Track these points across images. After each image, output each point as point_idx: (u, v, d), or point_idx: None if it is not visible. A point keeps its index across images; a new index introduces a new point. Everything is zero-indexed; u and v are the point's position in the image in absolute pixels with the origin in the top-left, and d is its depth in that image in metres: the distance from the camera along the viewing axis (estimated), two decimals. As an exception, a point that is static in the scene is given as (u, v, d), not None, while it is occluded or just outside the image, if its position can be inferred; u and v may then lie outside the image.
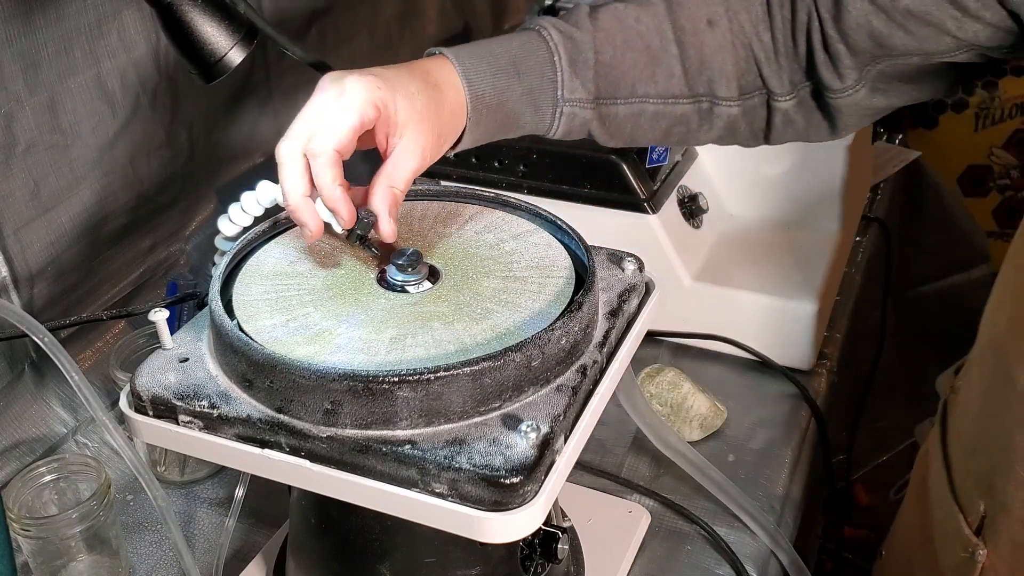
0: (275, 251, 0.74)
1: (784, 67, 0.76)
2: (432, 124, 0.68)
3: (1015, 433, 0.68)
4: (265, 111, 1.26)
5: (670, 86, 0.75)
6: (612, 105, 0.75)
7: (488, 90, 0.71)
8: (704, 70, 0.75)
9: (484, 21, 1.78)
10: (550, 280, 0.70)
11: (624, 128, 0.77)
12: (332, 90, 0.66)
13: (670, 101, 0.76)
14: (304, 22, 1.30)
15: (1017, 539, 0.70)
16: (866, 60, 0.73)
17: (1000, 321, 0.71)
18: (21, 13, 0.88)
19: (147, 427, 0.65)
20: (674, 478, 0.93)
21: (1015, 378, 0.67)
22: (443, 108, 0.69)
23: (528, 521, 0.57)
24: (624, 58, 0.74)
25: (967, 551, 0.74)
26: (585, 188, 1.09)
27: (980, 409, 0.74)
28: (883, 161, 1.60)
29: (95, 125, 0.99)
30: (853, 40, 0.72)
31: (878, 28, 0.71)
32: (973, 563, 0.73)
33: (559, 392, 0.62)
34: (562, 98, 0.73)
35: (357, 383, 0.58)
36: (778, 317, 1.08)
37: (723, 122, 0.78)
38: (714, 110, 0.77)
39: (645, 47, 0.75)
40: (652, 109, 0.76)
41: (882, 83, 0.75)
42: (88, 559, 0.84)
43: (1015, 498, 0.69)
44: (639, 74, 0.75)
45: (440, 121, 0.69)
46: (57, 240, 0.97)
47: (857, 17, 0.71)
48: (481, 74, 0.71)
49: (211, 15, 0.77)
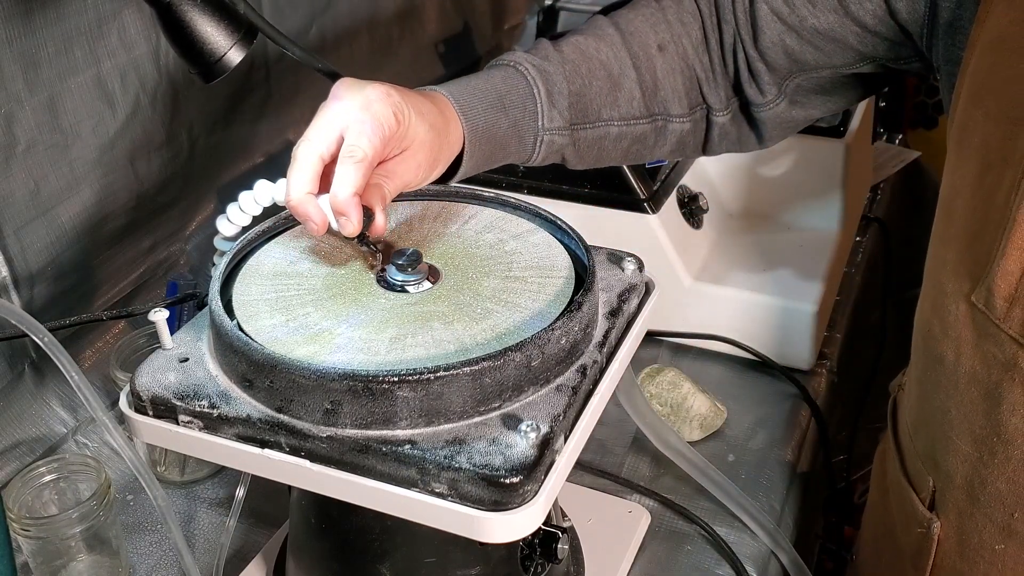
0: (275, 251, 0.74)
1: (720, 84, 0.83)
2: (432, 148, 0.70)
3: (948, 407, 0.73)
4: (265, 111, 1.26)
5: (631, 108, 0.82)
6: (583, 130, 0.81)
7: (481, 124, 0.75)
8: (658, 91, 0.82)
9: (484, 21, 1.78)
10: (550, 280, 0.70)
11: (592, 150, 0.83)
12: (355, 99, 0.66)
13: (631, 122, 0.82)
14: (304, 22, 1.30)
15: (961, 506, 0.74)
16: (783, 76, 0.81)
17: (926, 308, 0.75)
18: (21, 13, 0.88)
19: (147, 427, 0.65)
20: (674, 478, 0.93)
21: (943, 357, 0.72)
22: (445, 137, 0.72)
23: (528, 521, 0.57)
24: (591, 86, 0.80)
25: (923, 527, 0.78)
26: (585, 188, 1.09)
27: (918, 393, 0.79)
28: (883, 161, 1.60)
29: (95, 125, 0.99)
30: (770, 58, 0.80)
31: (791, 46, 0.79)
32: (929, 538, 0.77)
33: (559, 392, 0.62)
34: (543, 127, 0.78)
35: (357, 383, 0.58)
36: (778, 317, 1.08)
37: (675, 137, 0.84)
38: (667, 127, 0.83)
39: (607, 74, 0.81)
40: (616, 131, 0.82)
41: (799, 96, 0.83)
42: (88, 559, 0.84)
43: (956, 467, 0.73)
44: (604, 99, 0.81)
45: (439, 148, 0.71)
46: (57, 240, 0.97)
47: (772, 37, 0.79)
48: (475, 109, 0.75)
49: (211, 15, 0.77)
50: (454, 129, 0.73)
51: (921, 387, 0.78)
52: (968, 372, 0.70)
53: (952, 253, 0.70)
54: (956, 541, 0.75)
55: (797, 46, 0.79)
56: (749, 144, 0.87)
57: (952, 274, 0.70)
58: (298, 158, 0.66)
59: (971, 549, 0.74)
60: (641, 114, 0.82)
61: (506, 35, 1.86)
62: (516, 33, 1.89)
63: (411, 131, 0.68)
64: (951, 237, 0.71)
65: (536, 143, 0.78)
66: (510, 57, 0.79)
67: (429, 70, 1.62)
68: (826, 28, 0.77)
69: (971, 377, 0.70)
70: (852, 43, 0.77)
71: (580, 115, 0.80)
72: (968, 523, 0.74)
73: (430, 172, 0.72)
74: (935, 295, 0.73)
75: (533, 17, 1.81)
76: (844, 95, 0.84)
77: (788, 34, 0.79)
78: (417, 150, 0.69)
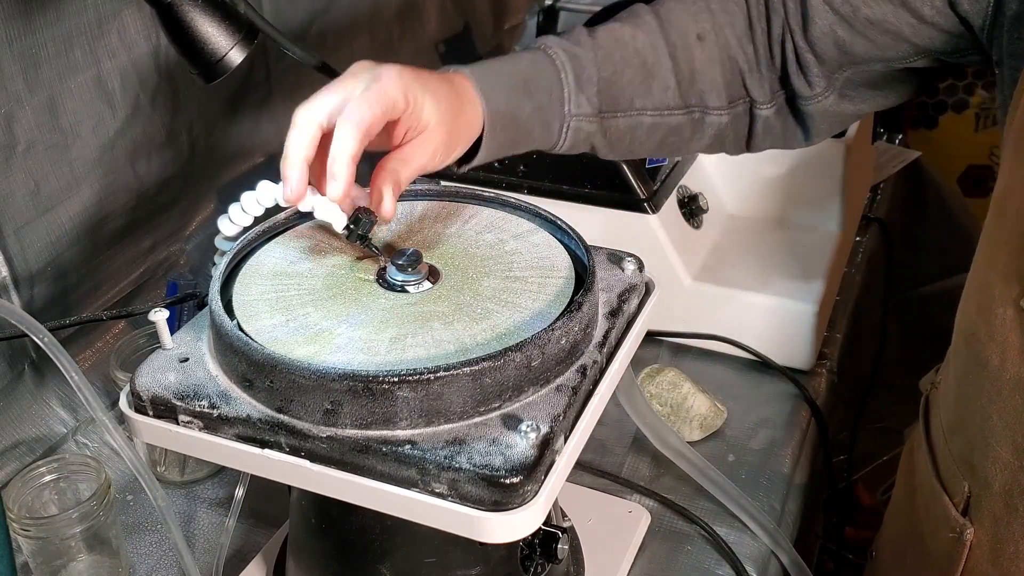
0: (275, 251, 0.74)
1: (764, 76, 0.81)
2: (449, 130, 0.70)
3: (990, 412, 0.71)
4: (265, 111, 1.26)
5: (665, 98, 0.80)
6: (613, 118, 0.79)
7: (503, 107, 0.73)
8: (695, 82, 0.80)
9: (484, 21, 1.78)
10: (550, 280, 0.70)
11: (623, 140, 0.81)
12: (366, 74, 0.67)
13: (665, 113, 0.80)
14: (304, 22, 1.30)
15: (998, 514, 0.72)
16: (833, 68, 0.79)
17: (970, 309, 0.74)
18: (21, 13, 0.88)
19: (147, 427, 0.65)
20: (674, 478, 0.93)
21: (987, 361, 0.70)
22: (461, 119, 0.71)
23: (528, 521, 0.57)
24: (623, 74, 0.78)
25: (955, 532, 0.76)
26: (585, 188, 1.09)
27: (957, 395, 0.77)
28: (883, 161, 1.60)
29: (95, 125, 0.99)
30: (820, 49, 0.78)
31: (842, 37, 0.76)
32: (961, 543, 0.75)
33: (559, 392, 0.62)
34: (569, 113, 0.77)
35: (357, 383, 0.58)
36: (778, 317, 1.08)
37: (713, 131, 0.82)
38: (705, 119, 0.81)
39: (641, 63, 0.79)
40: (649, 121, 0.80)
41: (849, 90, 0.80)
42: (88, 559, 0.84)
43: (994, 475, 0.71)
44: (637, 88, 0.79)
45: (456, 130, 0.71)
46: (57, 240, 0.97)
47: (823, 27, 0.77)
48: (496, 91, 0.73)
49: (211, 15, 0.77)
50: (472, 111, 0.72)
51: (961, 389, 0.76)
52: (1013, 378, 0.68)
53: (1003, 255, 0.68)
54: (989, 549, 0.73)
55: (849, 37, 0.76)
56: (795, 140, 0.84)
57: (1001, 277, 0.68)
58: (298, 122, 0.66)
59: (1006, 558, 0.72)
60: (676, 105, 0.80)
61: (506, 35, 1.85)
62: (516, 33, 1.88)
63: (424, 113, 0.68)
64: (1002, 239, 0.69)
65: (562, 129, 0.77)
66: (541, 40, 0.78)
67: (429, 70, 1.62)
68: (880, 18, 0.74)
69: (1016, 383, 0.68)
70: (907, 35, 0.74)
71: (610, 103, 0.78)
72: (1004, 531, 0.71)
73: (447, 155, 0.71)
74: (981, 297, 0.71)
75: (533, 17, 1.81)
76: (896, 90, 0.81)
77: (840, 24, 0.76)
78: (433, 133, 0.69)
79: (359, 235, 0.70)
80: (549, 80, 0.76)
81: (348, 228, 0.71)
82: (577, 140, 0.79)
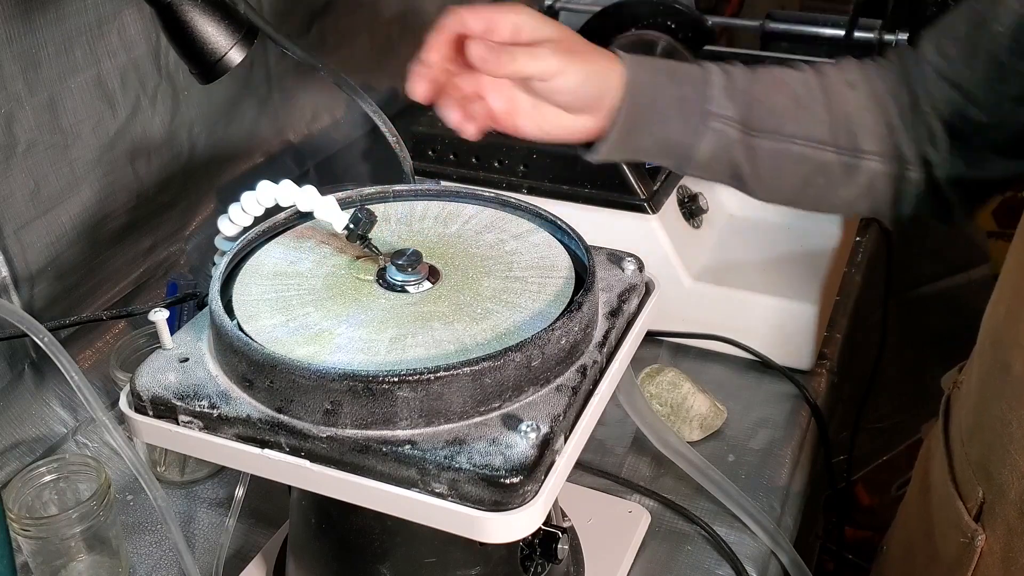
0: (275, 251, 0.74)
1: (910, 136, 0.79)
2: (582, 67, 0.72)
3: (1010, 418, 0.69)
4: (265, 111, 1.26)
5: (815, 129, 0.78)
6: (758, 137, 0.77)
7: (644, 83, 0.74)
8: (848, 122, 0.78)
9: (484, 21, 1.78)
10: (550, 280, 0.70)
11: (769, 166, 0.79)
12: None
13: (815, 145, 0.78)
14: (304, 22, 1.30)
15: (1011, 522, 0.71)
16: (955, 136, 0.77)
17: (999, 312, 0.73)
18: (21, 13, 0.88)
19: (147, 427, 0.65)
20: (674, 478, 0.93)
21: (1010, 366, 0.69)
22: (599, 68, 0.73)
23: (528, 521, 0.57)
24: (773, 97, 0.77)
25: (966, 537, 0.75)
26: (585, 188, 1.09)
27: (978, 398, 0.75)
28: (883, 161, 1.60)
29: (95, 125, 0.99)
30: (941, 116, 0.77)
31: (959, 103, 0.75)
32: (972, 549, 0.74)
33: (559, 392, 0.62)
34: (711, 111, 0.76)
35: (357, 383, 0.58)
36: (778, 317, 1.08)
37: (865, 179, 0.80)
38: (859, 165, 0.79)
39: (792, 93, 0.78)
40: (797, 150, 0.78)
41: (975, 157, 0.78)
42: (88, 559, 0.84)
43: (1010, 482, 0.70)
44: (786, 113, 0.77)
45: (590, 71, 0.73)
46: (57, 240, 0.97)
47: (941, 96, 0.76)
48: (641, 66, 0.74)
49: (211, 15, 0.77)
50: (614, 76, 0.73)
51: (981, 392, 0.75)
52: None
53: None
54: (1001, 557, 0.72)
55: (965, 105, 0.76)
56: (942, 212, 0.82)
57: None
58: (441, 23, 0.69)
59: (1017, 568, 0.71)
60: (827, 140, 0.78)
61: (506, 35, 1.85)
62: (516, 33, 1.88)
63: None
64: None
65: (702, 125, 0.76)
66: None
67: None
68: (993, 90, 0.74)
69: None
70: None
71: (758, 120, 0.77)
72: (1017, 541, 0.70)
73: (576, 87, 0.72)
74: (1012, 300, 0.70)
75: (533, 17, 1.81)
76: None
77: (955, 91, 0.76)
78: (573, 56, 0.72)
79: (359, 235, 0.70)
80: (695, 76, 0.76)
81: (348, 228, 0.71)
82: (718, 147, 0.77)
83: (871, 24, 1.34)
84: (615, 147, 0.77)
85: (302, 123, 1.35)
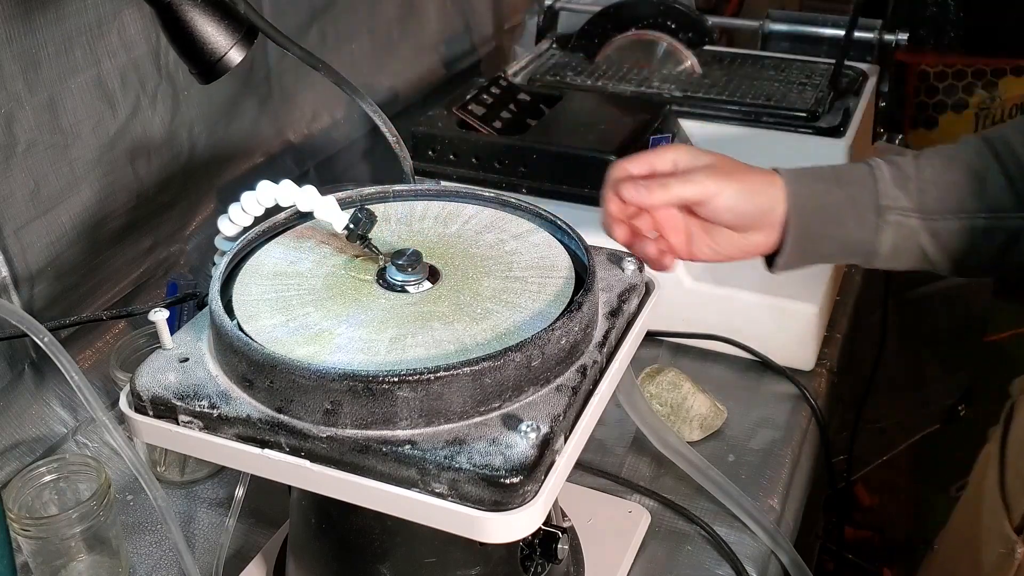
0: (275, 251, 0.74)
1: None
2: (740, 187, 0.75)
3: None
4: (265, 111, 1.26)
5: (999, 199, 0.75)
6: (940, 220, 0.76)
7: (807, 192, 0.75)
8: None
9: (484, 21, 1.78)
10: (550, 280, 0.70)
11: (956, 247, 0.77)
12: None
13: (1001, 215, 0.76)
14: (304, 22, 1.30)
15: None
16: None
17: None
18: (21, 13, 0.88)
19: (147, 427, 0.65)
20: (674, 478, 0.93)
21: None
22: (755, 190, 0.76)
23: (528, 521, 0.57)
24: (946, 176, 0.76)
25: (1006, 547, 0.75)
26: (585, 188, 1.09)
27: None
28: (883, 161, 1.60)
29: (95, 125, 0.99)
30: None
31: None
32: (1011, 560, 0.74)
33: (559, 392, 0.62)
34: (885, 206, 0.75)
35: (357, 383, 0.58)
36: (778, 317, 1.08)
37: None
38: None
39: (966, 166, 0.76)
40: (983, 224, 0.76)
41: None
42: (88, 559, 0.84)
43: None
44: (964, 189, 0.76)
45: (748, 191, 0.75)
46: (57, 240, 0.97)
47: None
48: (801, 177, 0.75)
49: (211, 15, 0.77)
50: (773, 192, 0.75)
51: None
52: None
53: None
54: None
55: None
56: None
57: None
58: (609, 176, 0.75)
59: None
60: (1013, 206, 0.75)
61: (506, 35, 1.85)
62: (516, 33, 1.88)
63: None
64: None
65: (879, 221, 0.75)
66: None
67: (429, 70, 1.62)
68: None
69: None
70: None
71: (935, 203, 0.75)
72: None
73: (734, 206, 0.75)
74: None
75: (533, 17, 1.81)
76: None
77: None
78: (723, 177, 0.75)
79: (359, 235, 0.70)
80: (861, 174, 0.76)
81: (348, 228, 0.71)
82: (900, 239, 0.76)
83: (871, 24, 1.34)
84: (793, 257, 0.78)
85: (302, 123, 1.35)
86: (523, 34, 1.88)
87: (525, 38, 1.87)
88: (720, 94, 1.24)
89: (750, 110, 1.21)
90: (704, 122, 1.21)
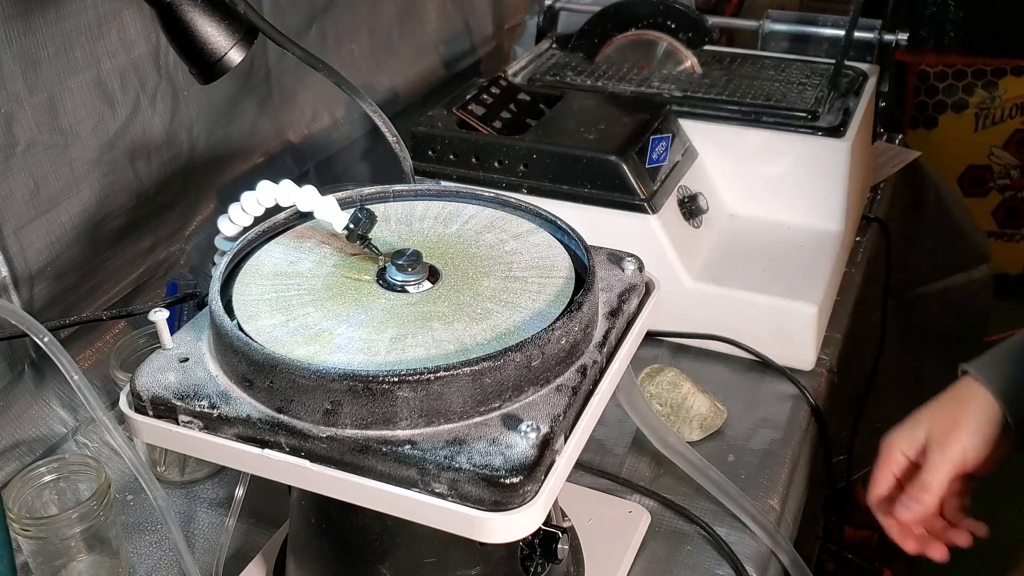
0: (275, 251, 0.74)
1: None
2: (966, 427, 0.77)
3: None
4: (265, 111, 1.26)
5: None
6: None
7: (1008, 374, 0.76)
8: None
9: (484, 21, 1.78)
10: (550, 280, 0.70)
11: None
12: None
13: None
14: (304, 22, 1.30)
15: None
16: None
17: None
18: (21, 13, 0.88)
19: (147, 427, 0.65)
20: (674, 478, 0.93)
21: None
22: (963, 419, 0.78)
23: (528, 521, 0.57)
24: None
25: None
26: (585, 188, 1.09)
27: None
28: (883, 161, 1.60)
29: (95, 125, 0.99)
30: None
31: None
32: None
33: (559, 392, 0.62)
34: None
35: (357, 383, 0.58)
36: (778, 317, 1.08)
37: None
38: None
39: None
40: None
41: None
42: (88, 559, 0.84)
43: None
44: None
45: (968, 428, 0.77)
46: (57, 240, 0.97)
47: None
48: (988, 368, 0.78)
49: (211, 15, 0.77)
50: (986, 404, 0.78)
51: None
52: None
53: None
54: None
55: None
56: None
57: None
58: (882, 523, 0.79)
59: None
60: None
61: (506, 35, 1.85)
62: (516, 33, 1.89)
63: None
64: None
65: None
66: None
67: (429, 70, 1.62)
68: None
69: None
70: None
71: None
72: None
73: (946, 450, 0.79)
74: None
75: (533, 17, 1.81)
76: None
77: None
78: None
79: (359, 235, 0.70)
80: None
81: (348, 228, 0.71)
82: None
83: (871, 24, 1.34)
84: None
85: (302, 123, 1.35)
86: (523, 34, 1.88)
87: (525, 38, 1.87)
88: (720, 94, 1.24)
89: (750, 110, 1.21)
90: (704, 122, 1.21)
